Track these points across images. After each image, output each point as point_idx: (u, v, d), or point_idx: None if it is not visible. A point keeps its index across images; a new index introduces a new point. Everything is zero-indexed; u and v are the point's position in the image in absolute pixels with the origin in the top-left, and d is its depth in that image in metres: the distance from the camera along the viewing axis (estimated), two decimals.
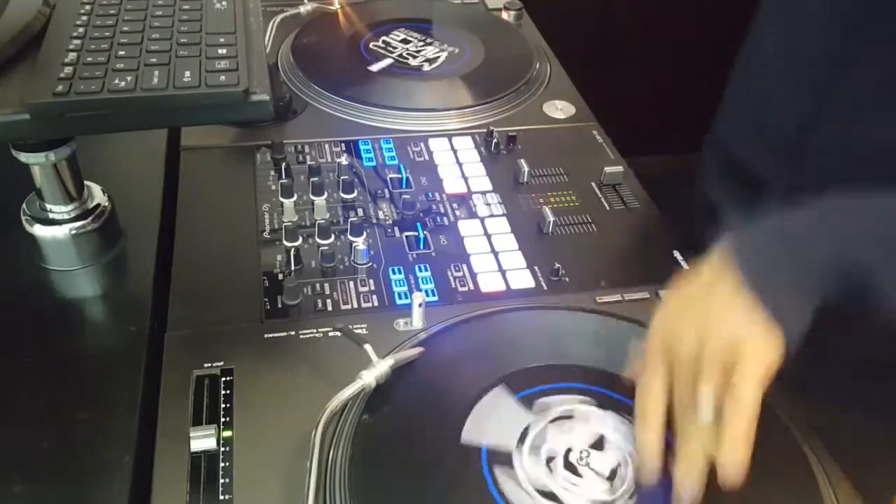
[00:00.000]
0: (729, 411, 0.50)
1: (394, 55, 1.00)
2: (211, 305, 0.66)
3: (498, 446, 0.55)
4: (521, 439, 0.55)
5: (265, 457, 0.55)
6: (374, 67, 0.96)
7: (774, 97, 0.77)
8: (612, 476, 0.54)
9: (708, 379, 0.51)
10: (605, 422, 0.57)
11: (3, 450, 0.55)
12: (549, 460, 0.54)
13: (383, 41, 1.03)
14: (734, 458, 0.49)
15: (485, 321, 0.65)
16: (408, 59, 1.00)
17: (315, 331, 0.64)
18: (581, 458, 0.54)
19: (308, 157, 0.84)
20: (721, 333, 0.51)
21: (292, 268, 0.70)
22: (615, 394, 0.59)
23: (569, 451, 0.55)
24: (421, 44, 1.03)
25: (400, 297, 0.69)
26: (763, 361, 0.51)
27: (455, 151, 0.87)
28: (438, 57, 1.01)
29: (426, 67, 0.98)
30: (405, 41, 1.03)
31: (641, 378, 0.55)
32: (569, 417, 0.57)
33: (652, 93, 1.66)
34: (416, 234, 0.75)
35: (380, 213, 0.78)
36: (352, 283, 0.70)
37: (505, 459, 0.54)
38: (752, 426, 0.50)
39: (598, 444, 0.56)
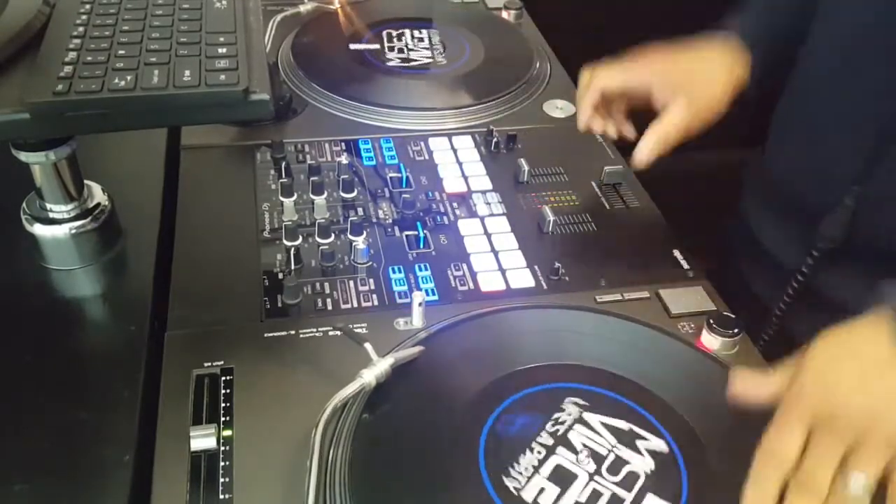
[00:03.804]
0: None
1: (393, 54, 1.00)
2: (211, 305, 0.66)
3: None
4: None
5: (265, 456, 0.55)
6: (358, 46, 0.96)
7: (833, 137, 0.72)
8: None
9: (872, 462, 0.47)
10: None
11: (3, 450, 0.55)
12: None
13: (384, 40, 1.03)
14: None
15: (485, 320, 0.65)
16: (407, 58, 1.00)
17: (315, 330, 0.64)
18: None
19: (308, 157, 0.84)
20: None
21: (292, 267, 0.70)
22: (614, 394, 0.59)
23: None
24: (421, 43, 1.03)
25: (400, 297, 0.68)
26: None
27: (455, 151, 0.87)
28: (438, 56, 1.01)
29: (426, 67, 0.98)
30: (405, 40, 1.03)
31: (775, 431, 0.50)
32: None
33: None
34: (416, 233, 0.75)
35: (380, 212, 0.78)
36: (352, 283, 0.70)
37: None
38: None
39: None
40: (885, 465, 0.48)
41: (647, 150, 0.72)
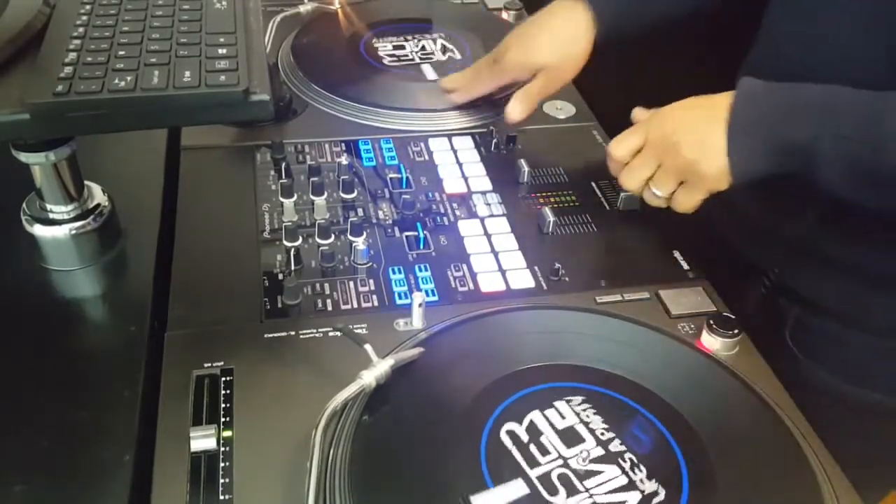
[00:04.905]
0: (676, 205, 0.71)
1: (393, 54, 1.00)
2: (211, 305, 0.66)
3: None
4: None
5: (265, 457, 0.55)
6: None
7: None
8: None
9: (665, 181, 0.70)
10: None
11: (3, 450, 0.55)
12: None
13: (384, 41, 1.03)
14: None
15: (485, 321, 0.65)
16: (407, 58, 1.00)
17: (315, 331, 0.64)
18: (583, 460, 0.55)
19: (308, 157, 0.84)
20: (690, 148, 0.66)
21: (292, 268, 0.70)
22: (615, 393, 0.59)
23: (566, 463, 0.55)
24: (421, 44, 1.03)
25: (400, 297, 0.69)
26: (710, 184, 0.67)
27: (455, 151, 0.87)
28: (438, 57, 1.01)
29: (426, 67, 0.98)
30: (405, 40, 1.03)
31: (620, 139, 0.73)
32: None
33: (652, 92, 1.66)
34: (416, 233, 0.75)
35: (380, 212, 0.78)
36: (352, 283, 0.70)
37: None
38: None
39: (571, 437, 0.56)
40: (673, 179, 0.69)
41: (516, 111, 0.86)
